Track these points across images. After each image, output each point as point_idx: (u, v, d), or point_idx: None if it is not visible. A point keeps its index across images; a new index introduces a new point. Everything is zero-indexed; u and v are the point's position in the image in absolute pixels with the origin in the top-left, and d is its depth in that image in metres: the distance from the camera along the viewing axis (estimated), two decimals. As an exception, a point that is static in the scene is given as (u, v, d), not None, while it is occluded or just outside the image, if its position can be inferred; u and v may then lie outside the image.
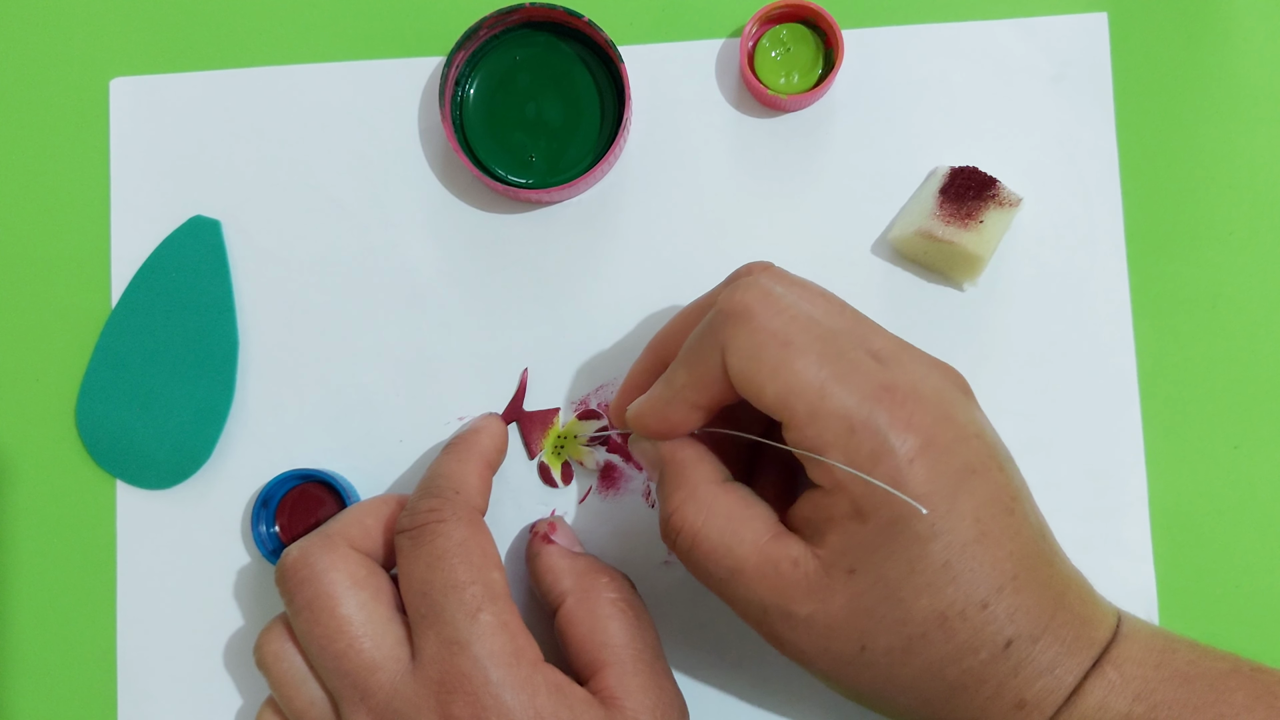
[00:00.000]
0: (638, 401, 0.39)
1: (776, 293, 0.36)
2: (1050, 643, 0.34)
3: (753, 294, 0.36)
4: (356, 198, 0.47)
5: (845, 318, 0.37)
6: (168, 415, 0.46)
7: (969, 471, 0.34)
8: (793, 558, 0.35)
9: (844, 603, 0.34)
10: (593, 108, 0.46)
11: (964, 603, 0.34)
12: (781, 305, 0.35)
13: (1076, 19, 0.46)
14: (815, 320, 0.36)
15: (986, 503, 0.34)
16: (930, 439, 0.34)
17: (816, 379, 0.34)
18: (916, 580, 0.34)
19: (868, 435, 0.34)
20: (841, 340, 0.35)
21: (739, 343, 0.35)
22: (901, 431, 0.34)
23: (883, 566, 0.34)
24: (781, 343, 0.35)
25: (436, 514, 0.38)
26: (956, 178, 0.44)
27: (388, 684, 0.36)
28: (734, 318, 0.36)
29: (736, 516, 0.37)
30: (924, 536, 0.34)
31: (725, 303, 0.36)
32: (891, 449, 0.34)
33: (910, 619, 0.34)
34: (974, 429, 0.35)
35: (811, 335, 0.35)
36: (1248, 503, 0.45)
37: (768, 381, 0.35)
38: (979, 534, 0.34)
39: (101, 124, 0.47)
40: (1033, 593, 0.34)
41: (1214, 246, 0.46)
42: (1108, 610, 0.36)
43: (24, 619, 0.46)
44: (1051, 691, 0.34)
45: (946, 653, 0.34)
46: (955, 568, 0.34)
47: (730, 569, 0.36)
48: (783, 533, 0.36)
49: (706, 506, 0.37)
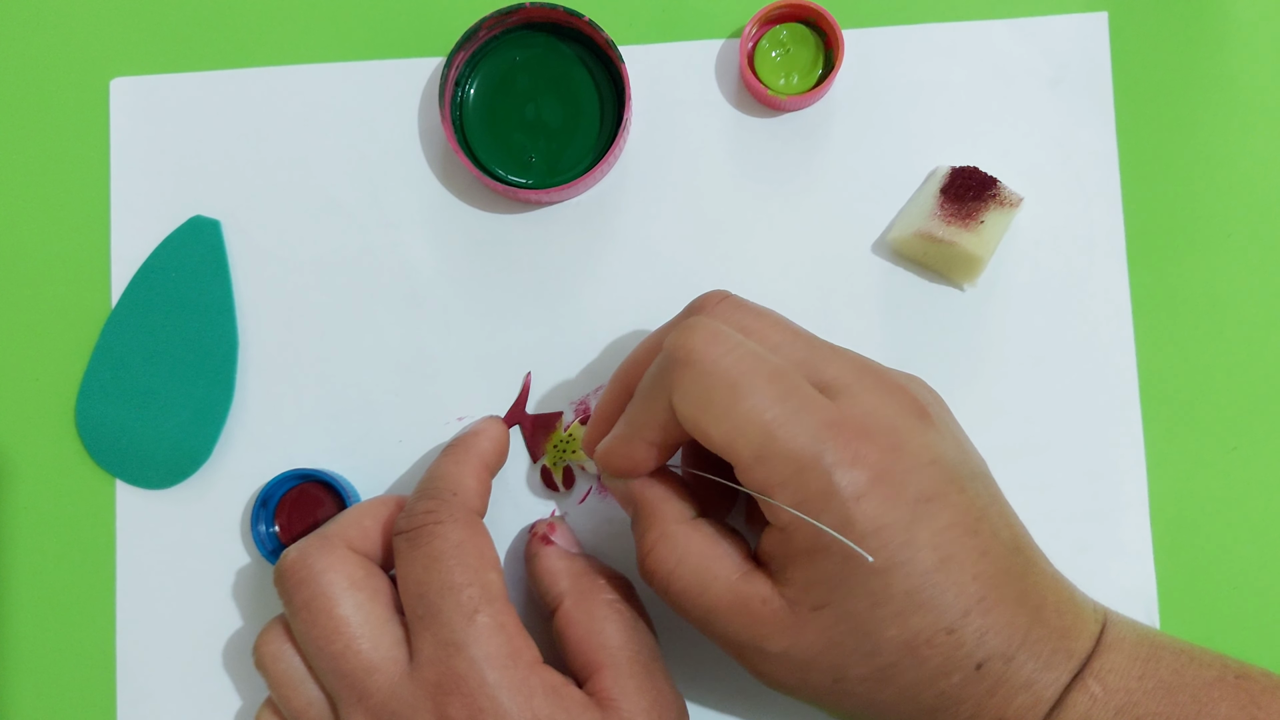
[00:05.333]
0: (603, 442, 0.39)
1: (722, 333, 0.35)
2: (1026, 660, 0.34)
3: (698, 337, 0.35)
4: (356, 198, 0.47)
5: (796, 347, 0.37)
6: (167, 415, 0.46)
7: (924, 500, 0.34)
8: (762, 596, 0.35)
9: (814, 638, 0.34)
10: (592, 108, 0.45)
11: (930, 630, 0.34)
12: (727, 345, 0.35)
13: (1076, 19, 0.46)
14: (761, 359, 0.35)
15: (946, 528, 0.34)
16: (880, 473, 0.34)
17: (761, 421, 0.34)
18: (881, 612, 0.34)
19: (815, 475, 0.34)
20: (788, 377, 0.35)
21: (685, 387, 0.35)
22: (848, 468, 0.34)
23: (846, 601, 0.34)
24: (727, 386, 0.34)
25: (434, 515, 0.38)
26: (956, 178, 0.44)
27: (385, 685, 0.36)
28: (679, 362, 0.35)
29: (707, 555, 0.37)
30: (882, 569, 0.33)
31: (670, 346, 0.36)
32: (838, 487, 0.33)
33: (880, 650, 0.34)
34: (929, 456, 0.35)
35: (758, 375, 0.35)
36: (1247, 503, 0.45)
37: (713, 426, 0.35)
38: (940, 560, 0.34)
39: (101, 124, 0.47)
40: (1003, 612, 0.34)
41: (1214, 247, 0.45)
42: (1090, 618, 0.36)
43: (24, 619, 0.46)
44: (1031, 708, 0.34)
45: (920, 678, 0.34)
46: (918, 596, 0.33)
47: (705, 608, 0.36)
48: (751, 570, 0.36)
49: (678, 547, 0.37)
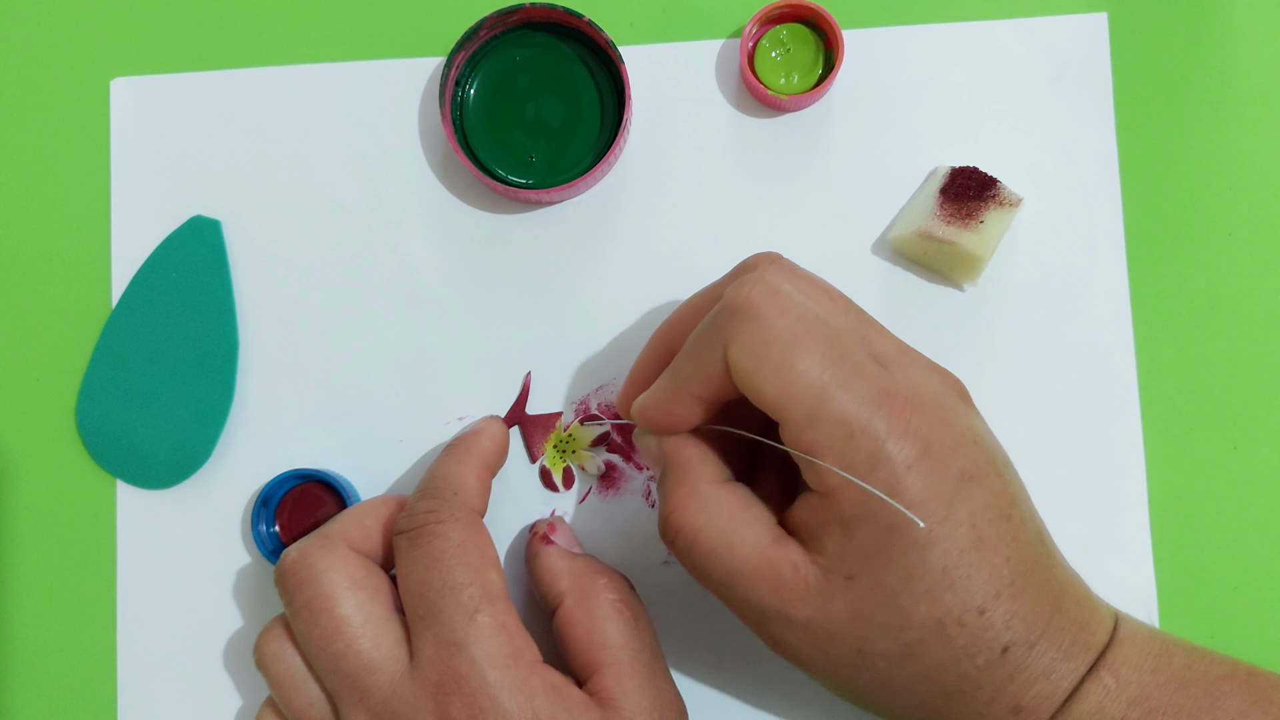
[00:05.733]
0: (643, 395, 0.39)
1: (784, 290, 0.35)
2: (1046, 648, 0.34)
3: (759, 291, 0.35)
4: (356, 198, 0.47)
5: (850, 317, 0.37)
6: (168, 415, 0.46)
7: (966, 478, 0.34)
8: (792, 562, 0.35)
9: (842, 608, 0.34)
10: (593, 108, 0.45)
11: (961, 609, 0.34)
12: (788, 304, 0.35)
13: (1076, 19, 0.46)
14: (820, 320, 0.35)
15: (983, 509, 0.34)
16: (928, 446, 0.34)
17: (818, 382, 0.34)
18: (915, 587, 0.34)
19: (866, 441, 0.34)
20: (845, 342, 0.35)
21: (742, 340, 0.35)
22: (899, 438, 0.34)
23: (881, 573, 0.34)
24: (786, 343, 0.34)
25: (434, 515, 0.38)
26: (957, 178, 0.44)
27: (386, 684, 0.36)
28: (739, 314, 0.35)
29: (737, 518, 0.36)
30: (921, 543, 0.33)
31: (731, 298, 0.36)
32: (889, 455, 0.33)
33: (908, 625, 0.34)
34: (971, 435, 0.35)
35: (816, 336, 0.34)
36: (1247, 503, 0.45)
37: (768, 381, 0.34)
38: (976, 540, 0.34)
39: (101, 124, 0.47)
40: (1030, 598, 0.34)
41: (1214, 247, 0.46)
42: (1105, 613, 0.36)
43: (24, 619, 0.46)
44: (1047, 696, 0.34)
45: (944, 658, 0.34)
46: (953, 574, 0.34)
47: (730, 570, 0.36)
48: (782, 536, 0.36)
49: (707, 506, 0.37)
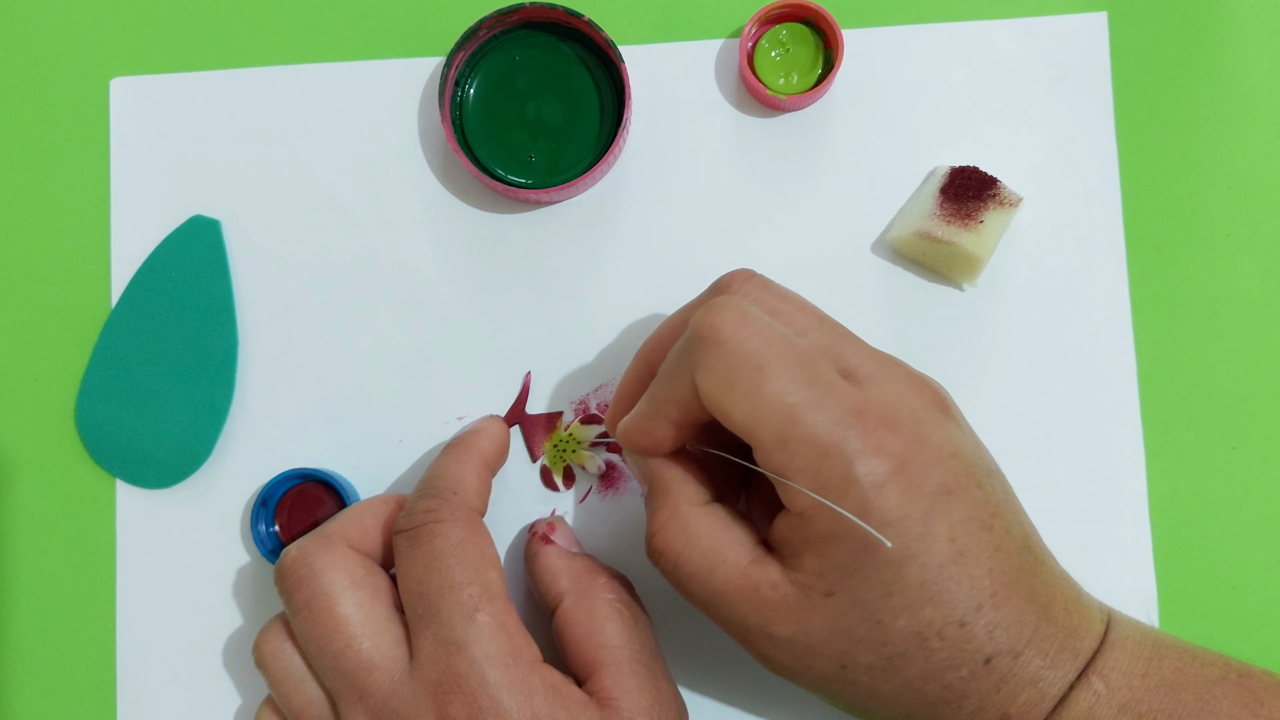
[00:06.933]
0: (625, 419, 0.39)
1: (750, 313, 0.35)
2: (1033, 656, 0.34)
3: (724, 316, 0.35)
4: (356, 198, 0.47)
5: (823, 333, 0.37)
6: (167, 415, 0.46)
7: (944, 492, 0.34)
8: (772, 581, 0.35)
9: (823, 624, 0.34)
10: (592, 108, 0.46)
11: (941, 623, 0.34)
12: (755, 327, 0.35)
13: (1076, 19, 0.46)
14: (788, 341, 0.35)
15: (963, 521, 0.34)
16: (902, 463, 0.34)
17: (787, 404, 0.34)
18: (893, 602, 0.34)
19: (836, 461, 0.33)
20: (815, 361, 0.35)
21: (709, 366, 0.35)
22: (870, 457, 0.33)
23: (859, 590, 0.34)
24: (753, 367, 0.34)
25: (434, 514, 0.38)
26: (956, 178, 0.44)
27: (385, 684, 0.36)
28: (704, 341, 0.35)
29: (717, 539, 0.36)
30: (898, 559, 0.33)
31: (696, 325, 0.35)
32: (859, 476, 0.33)
33: (889, 639, 0.34)
34: (950, 448, 0.35)
35: (784, 358, 0.34)
36: (1247, 503, 0.45)
37: (736, 406, 0.34)
38: (955, 554, 0.34)
39: (101, 124, 0.47)
40: (1013, 608, 0.34)
41: (1214, 247, 0.46)
42: (1095, 617, 0.36)
43: (24, 619, 0.46)
44: (1036, 704, 0.34)
45: (926, 670, 0.34)
46: (932, 589, 0.33)
47: (712, 591, 0.36)
48: (762, 556, 0.36)
49: (688, 529, 0.37)
